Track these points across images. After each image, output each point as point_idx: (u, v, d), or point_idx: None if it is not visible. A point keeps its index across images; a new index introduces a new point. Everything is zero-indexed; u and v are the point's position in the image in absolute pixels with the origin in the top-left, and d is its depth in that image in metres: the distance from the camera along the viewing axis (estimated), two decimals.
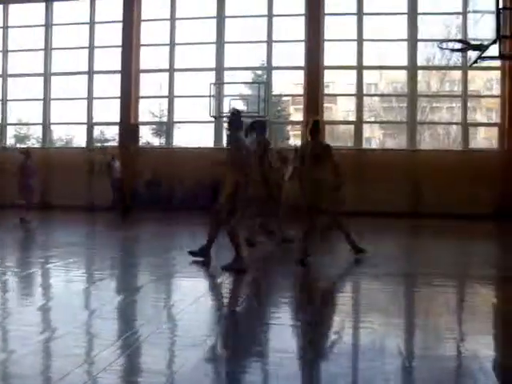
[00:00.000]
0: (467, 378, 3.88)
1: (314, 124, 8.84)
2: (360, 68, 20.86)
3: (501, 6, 10.76)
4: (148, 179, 19.84)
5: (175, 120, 21.67)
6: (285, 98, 23.15)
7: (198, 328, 4.80)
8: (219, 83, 20.93)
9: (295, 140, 22.23)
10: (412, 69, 20.73)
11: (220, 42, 21.28)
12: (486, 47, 9.67)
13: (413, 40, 20.63)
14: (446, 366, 4.07)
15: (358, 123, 20.93)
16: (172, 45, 21.54)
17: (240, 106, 20.84)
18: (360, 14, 20.79)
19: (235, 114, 8.41)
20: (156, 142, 22.56)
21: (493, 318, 5.71)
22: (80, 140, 22.69)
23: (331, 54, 20.98)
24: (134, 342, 4.36)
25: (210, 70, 21.25)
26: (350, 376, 3.90)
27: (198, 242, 8.61)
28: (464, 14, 20.10)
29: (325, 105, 21.10)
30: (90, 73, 22.03)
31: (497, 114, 21.09)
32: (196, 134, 21.60)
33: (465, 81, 20.71)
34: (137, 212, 18.40)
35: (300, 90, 21.27)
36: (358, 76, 20.89)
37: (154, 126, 22.97)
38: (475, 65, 14.11)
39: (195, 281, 7.35)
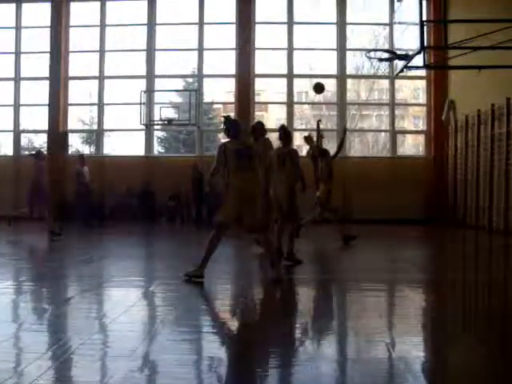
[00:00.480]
0: (397, 380, 3.96)
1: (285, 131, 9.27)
2: (290, 76, 21.11)
3: (424, 18, 11.11)
4: (78, 189, 19.35)
5: (105, 128, 21.38)
6: (216, 106, 23.17)
7: (128, 338, 4.74)
8: (150, 91, 20.80)
9: None
10: (341, 77, 21.13)
11: (150, 50, 21.14)
12: (411, 57, 9.96)
13: (342, 49, 21.03)
14: (376, 368, 4.15)
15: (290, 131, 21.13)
16: (102, 51, 21.25)
17: (171, 113, 20.76)
18: (290, 22, 21.05)
19: (228, 121, 7.95)
20: (86, 150, 22.14)
21: (421, 321, 5.84)
22: (6, 148, 22.09)
23: (262, 63, 21.16)
24: (62, 354, 4.27)
25: (141, 77, 21.08)
26: (281, 381, 3.92)
27: (124, 250, 8.50)
28: (391, 25, 20.67)
29: (256, 113, 21.24)
30: (17, 79, 21.49)
31: (423, 121, 21.72)
32: (127, 142, 21.36)
33: (392, 89, 21.26)
34: (66, 222, 18.02)
35: (231, 98, 21.34)
36: (289, 84, 21.14)
37: (84, 134, 22.56)
38: (402, 74, 14.52)
39: (126, 290, 7.26)
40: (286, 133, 9.49)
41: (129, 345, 4.48)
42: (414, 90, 22.19)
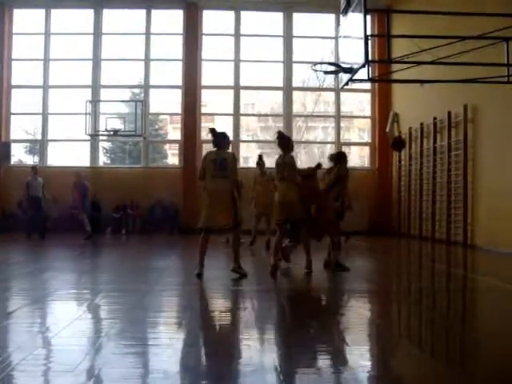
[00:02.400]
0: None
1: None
2: (237, 88, 21.20)
3: (369, 32, 11.28)
4: (21, 200, 18.87)
5: (50, 138, 21.00)
6: (162, 117, 23.05)
7: (71, 353, 4.65)
8: (95, 101, 20.57)
9: (173, 159, 22.16)
10: (287, 89, 21.32)
11: (96, 59, 20.93)
12: (356, 71, 10.10)
13: (288, 62, 21.24)
14: (322, 377, 4.17)
15: (236, 142, 21.22)
16: (46, 60, 20.92)
17: (117, 124, 20.55)
18: (237, 34, 21.16)
19: (213, 133, 9.09)
20: (29, 160, 21.70)
21: (366, 330, 5.90)
22: None
23: (209, 74, 21.20)
24: (2, 370, 4.16)
25: (86, 87, 20.83)
26: None
27: (68, 262, 8.36)
28: (336, 38, 20.95)
29: (202, 124, 21.22)
30: None
31: (368, 133, 22.06)
32: (72, 152, 21.03)
33: (338, 102, 21.57)
34: (9, 235, 17.63)
35: (178, 109, 21.27)
36: (235, 96, 21.22)
37: (28, 144, 22.11)
38: (347, 87, 14.67)
39: (70, 304, 7.13)
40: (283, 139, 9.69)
41: (72, 359, 4.39)
42: (359, 102, 22.53)
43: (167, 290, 7.98)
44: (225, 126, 21.90)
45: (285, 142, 9.60)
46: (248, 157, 22.72)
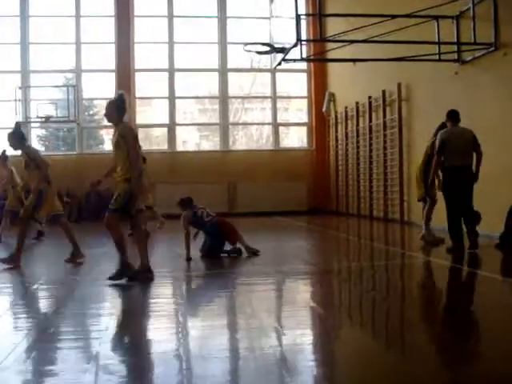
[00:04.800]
0: (289, 370, 3.93)
1: None
2: (172, 70, 20.91)
3: (304, 12, 11.23)
4: None
5: None
6: (97, 102, 22.51)
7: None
8: (25, 87, 19.95)
9: (109, 145, 21.73)
10: (223, 71, 21.15)
11: (25, 43, 20.26)
12: (288, 50, 10.06)
13: (223, 43, 21.05)
14: (269, 359, 4.11)
15: (172, 126, 21.00)
16: None
17: (50, 110, 19.98)
18: (171, 16, 20.83)
19: None
20: None
21: (309, 312, 5.87)
22: None
23: (142, 57, 20.84)
24: None
25: (15, 72, 20.15)
26: (178, 379, 3.80)
27: None
28: (269, 18, 20.84)
29: (138, 108, 20.88)
30: None
31: (305, 114, 22.10)
32: (1, 140, 20.32)
33: (274, 83, 21.51)
34: None
35: (112, 94, 20.78)
36: (170, 79, 20.93)
37: None
38: (283, 67, 14.69)
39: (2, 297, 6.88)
40: None
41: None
42: (295, 82, 22.49)
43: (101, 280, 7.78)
44: (161, 109, 21.62)
45: None
46: (186, 140, 22.49)
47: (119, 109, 7.21)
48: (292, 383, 3.71)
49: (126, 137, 7.02)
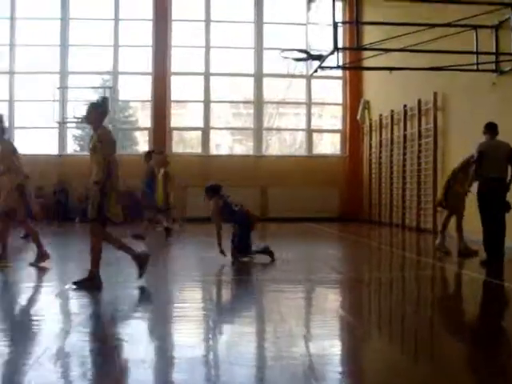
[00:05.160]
0: (316, 379, 3.93)
1: None
2: (207, 74, 21.03)
3: (340, 19, 11.23)
4: None
5: (16, 125, 20.58)
6: (132, 104, 22.76)
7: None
8: (63, 87, 20.24)
9: (144, 146, 21.91)
10: (258, 76, 21.21)
11: (64, 45, 20.58)
12: (325, 58, 10.06)
13: (259, 48, 21.11)
14: (297, 368, 4.11)
15: (207, 129, 21.11)
16: (11, 45, 20.48)
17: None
18: (208, 20, 20.95)
19: None
20: None
21: (338, 322, 5.85)
22: None
23: (179, 60, 20.99)
24: None
25: (54, 73, 20.47)
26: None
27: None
28: (307, 25, 20.86)
29: (173, 111, 21.05)
30: None
31: (339, 120, 22.04)
32: (39, 140, 20.66)
33: (309, 89, 21.49)
34: None
35: (148, 96, 21.00)
36: (206, 82, 21.05)
37: None
38: (318, 74, 14.65)
39: None
40: None
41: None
42: (330, 89, 22.44)
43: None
44: (195, 113, 21.75)
45: None
46: (220, 144, 22.59)
47: (101, 113, 7.09)
48: None
49: (104, 142, 6.91)
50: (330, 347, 4.84)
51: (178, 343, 4.97)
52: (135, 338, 4.91)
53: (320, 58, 10.50)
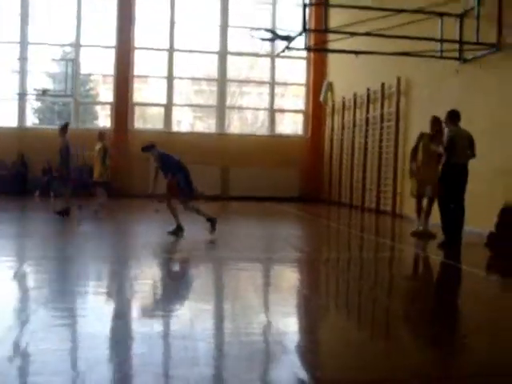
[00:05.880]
0: (273, 354, 4.03)
1: None
2: (171, 50, 20.85)
3: (307, 1, 11.26)
4: None
5: None
6: (94, 78, 22.44)
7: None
8: (23, 58, 19.84)
9: (105, 121, 21.68)
10: (222, 54, 21.12)
11: (25, 15, 20.10)
12: (293, 39, 10.08)
13: (224, 26, 20.99)
14: (254, 344, 4.20)
15: (169, 106, 20.98)
16: None
17: (46, 83, 19.91)
18: None
19: None
20: None
21: (296, 300, 5.96)
22: None
23: (143, 35, 20.75)
24: None
25: (14, 43, 20.00)
26: (160, 360, 3.87)
27: None
28: (274, 4, 20.86)
29: (135, 85, 20.86)
30: None
31: (302, 101, 22.12)
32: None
33: (273, 68, 21.51)
34: None
35: (110, 70, 20.72)
36: (170, 58, 20.89)
37: None
38: (282, 54, 14.68)
39: None
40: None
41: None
42: (293, 69, 22.48)
43: (98, 258, 7.81)
44: (157, 88, 21.56)
45: None
46: (180, 120, 22.47)
47: None
48: (276, 369, 3.82)
49: None
50: (287, 324, 4.96)
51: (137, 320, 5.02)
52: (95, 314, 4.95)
53: (287, 38, 10.52)
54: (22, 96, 19.88)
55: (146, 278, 6.82)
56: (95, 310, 5.17)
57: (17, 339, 4.12)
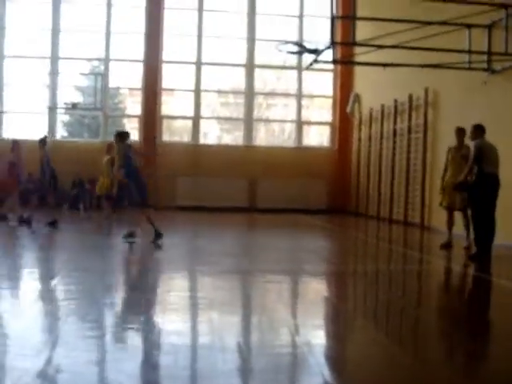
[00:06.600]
0: (302, 366, 4.03)
1: None
2: (199, 64, 21.00)
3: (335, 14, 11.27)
4: None
5: (5, 110, 20.43)
6: (122, 91, 22.68)
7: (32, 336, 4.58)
8: (54, 73, 20.12)
9: (133, 133, 21.84)
10: (249, 66, 21.22)
11: (55, 30, 20.40)
12: (321, 52, 10.11)
13: (251, 39, 21.10)
14: (282, 357, 4.21)
15: (197, 118, 21.11)
16: (1, 29, 20.29)
17: (76, 97, 20.18)
18: (200, 9, 20.90)
19: None
20: None
21: (325, 312, 5.96)
22: None
23: (171, 49, 20.94)
24: None
25: (45, 58, 20.30)
26: (190, 372, 3.90)
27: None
28: (301, 17, 20.94)
29: (163, 98, 21.03)
30: None
31: (328, 113, 22.11)
32: (29, 125, 20.50)
33: (299, 80, 21.55)
34: None
35: (138, 84, 20.94)
36: (197, 71, 21.04)
37: None
38: (310, 67, 14.73)
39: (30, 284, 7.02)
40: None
41: (33, 343, 4.32)
42: (320, 81, 22.49)
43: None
44: (185, 101, 21.71)
45: None
46: (208, 133, 22.59)
47: None
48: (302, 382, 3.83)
49: None
50: (317, 336, 4.97)
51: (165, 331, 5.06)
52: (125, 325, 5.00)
53: (315, 51, 10.55)
54: (53, 109, 20.14)
55: (177, 289, 6.87)
56: (126, 321, 5.23)
57: (51, 352, 4.18)
